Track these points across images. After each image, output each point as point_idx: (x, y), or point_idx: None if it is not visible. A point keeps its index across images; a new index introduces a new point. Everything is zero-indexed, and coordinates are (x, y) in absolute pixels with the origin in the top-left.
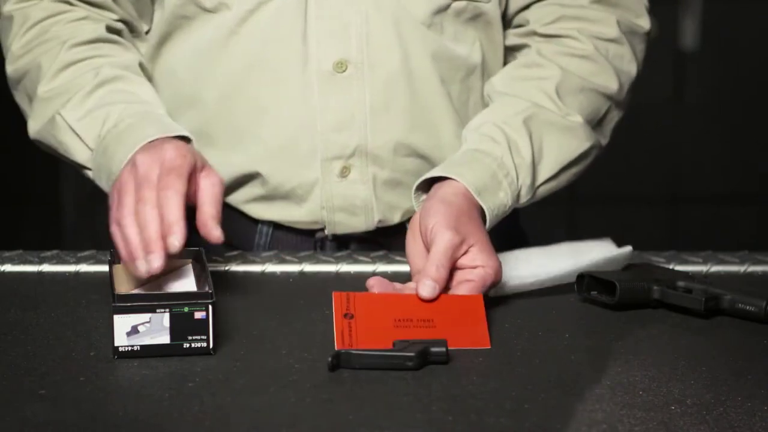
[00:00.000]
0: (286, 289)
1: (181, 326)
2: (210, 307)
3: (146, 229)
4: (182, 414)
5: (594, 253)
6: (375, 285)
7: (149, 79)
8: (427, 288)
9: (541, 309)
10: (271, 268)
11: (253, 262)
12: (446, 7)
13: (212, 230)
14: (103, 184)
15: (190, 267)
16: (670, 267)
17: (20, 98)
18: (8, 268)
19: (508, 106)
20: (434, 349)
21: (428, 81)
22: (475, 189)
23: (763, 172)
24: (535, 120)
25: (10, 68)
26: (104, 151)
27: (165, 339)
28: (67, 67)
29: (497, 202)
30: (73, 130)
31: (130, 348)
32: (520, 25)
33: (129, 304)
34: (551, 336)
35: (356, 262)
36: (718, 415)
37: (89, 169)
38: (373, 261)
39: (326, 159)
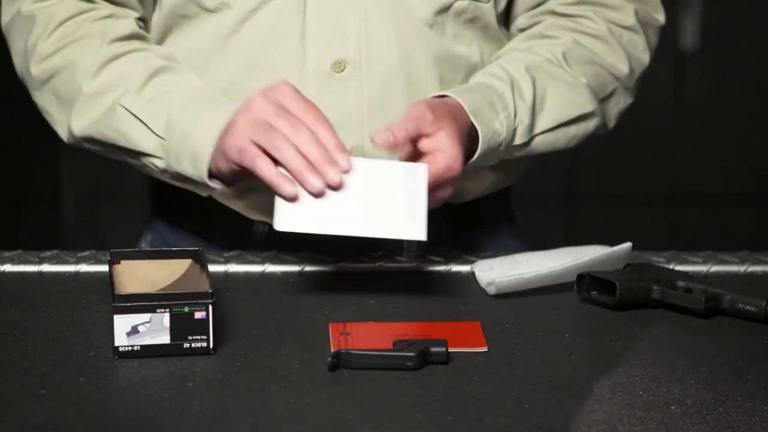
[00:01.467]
0: (286, 289)
1: (181, 326)
2: (210, 307)
3: (310, 152)
4: (182, 414)
5: (592, 250)
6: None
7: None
8: (382, 135)
9: (541, 309)
10: (271, 268)
11: (253, 262)
12: (448, 7)
13: (341, 159)
14: (186, 167)
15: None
16: (670, 267)
17: (45, 98)
18: (8, 268)
19: (517, 57)
20: (434, 349)
21: (427, 81)
22: (470, 110)
23: (763, 172)
24: (541, 71)
25: (36, 69)
26: (181, 136)
27: (165, 339)
28: (111, 62)
29: (492, 128)
30: (139, 119)
31: (130, 348)
32: (536, 6)
33: (129, 304)
34: (551, 336)
35: (356, 261)
36: (718, 415)
37: (156, 156)
38: (374, 260)
39: None
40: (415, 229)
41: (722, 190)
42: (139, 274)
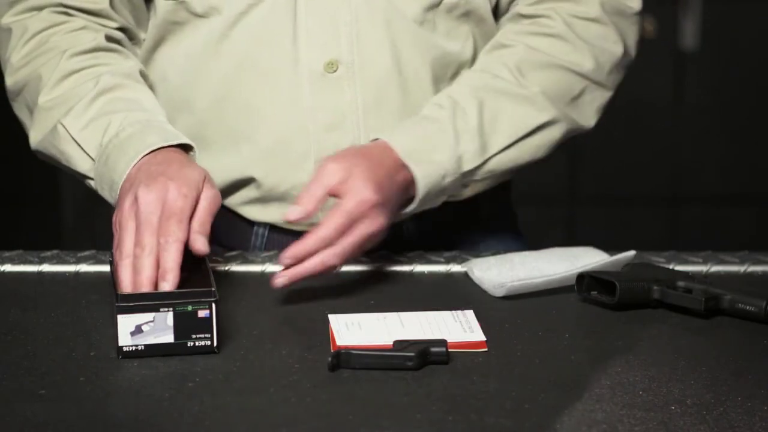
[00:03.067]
0: (286, 289)
1: (185, 325)
2: (213, 305)
3: (140, 274)
4: (182, 414)
5: (591, 258)
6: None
7: (150, 85)
8: (295, 213)
9: (541, 309)
10: (271, 268)
11: (253, 262)
12: (438, 4)
13: (193, 242)
14: (106, 194)
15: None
16: (670, 267)
17: (20, 110)
18: (8, 268)
19: (465, 78)
20: (434, 349)
21: (420, 80)
22: (403, 150)
23: (763, 172)
24: (488, 89)
25: (9, 80)
26: (106, 161)
27: (169, 338)
28: (68, 77)
29: (431, 161)
30: (75, 140)
31: (134, 348)
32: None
33: (132, 304)
34: (551, 336)
35: (356, 262)
36: (718, 415)
37: (91, 178)
38: (373, 261)
39: (319, 160)
40: (475, 336)
41: (722, 190)
42: None
